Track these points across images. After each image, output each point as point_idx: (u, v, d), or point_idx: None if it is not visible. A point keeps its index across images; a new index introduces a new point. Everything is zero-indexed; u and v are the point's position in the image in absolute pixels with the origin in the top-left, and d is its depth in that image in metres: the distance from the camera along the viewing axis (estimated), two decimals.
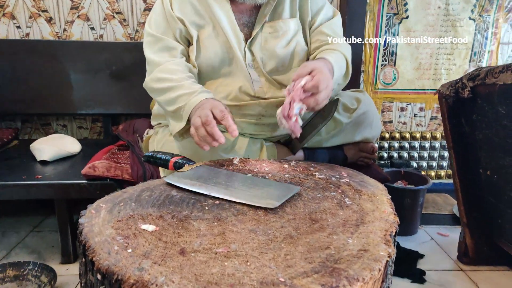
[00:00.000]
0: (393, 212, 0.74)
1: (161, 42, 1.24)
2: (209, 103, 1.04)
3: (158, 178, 1.13)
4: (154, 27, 1.26)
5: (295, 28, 1.30)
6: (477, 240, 1.44)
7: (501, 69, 1.09)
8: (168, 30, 1.24)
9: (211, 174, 0.87)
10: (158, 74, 1.20)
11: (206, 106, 1.03)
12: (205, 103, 1.05)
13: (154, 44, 1.25)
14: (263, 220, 0.69)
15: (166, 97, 1.17)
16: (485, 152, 1.30)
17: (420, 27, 1.96)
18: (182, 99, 1.12)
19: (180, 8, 1.24)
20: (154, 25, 1.26)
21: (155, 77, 1.20)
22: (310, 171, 0.94)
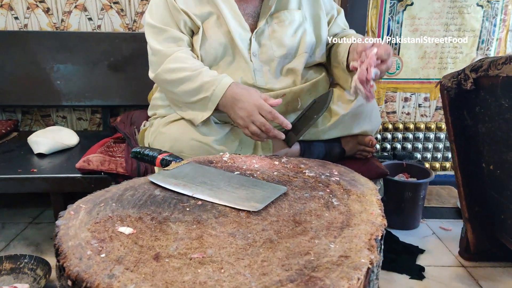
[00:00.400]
0: (381, 213, 0.72)
1: (166, 33, 1.22)
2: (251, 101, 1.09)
3: (152, 173, 1.12)
4: (156, 18, 1.23)
5: (300, 19, 1.30)
6: (479, 236, 1.41)
7: (504, 60, 1.05)
8: (171, 21, 1.22)
9: (197, 173, 0.85)
10: (170, 65, 1.17)
11: (250, 107, 1.08)
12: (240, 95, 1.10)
13: (159, 35, 1.22)
14: (244, 223, 0.67)
15: (185, 87, 1.16)
16: (488, 146, 1.26)
17: (425, 14, 1.90)
18: (205, 88, 1.13)
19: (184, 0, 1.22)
20: (156, 16, 1.23)
21: (167, 68, 1.18)
22: (300, 169, 0.92)
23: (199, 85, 1.14)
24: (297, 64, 1.30)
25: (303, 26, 1.31)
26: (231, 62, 1.26)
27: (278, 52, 1.27)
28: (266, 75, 1.27)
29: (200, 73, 1.15)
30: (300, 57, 1.30)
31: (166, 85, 1.22)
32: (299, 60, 1.30)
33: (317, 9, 1.35)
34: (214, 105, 1.14)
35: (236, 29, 1.23)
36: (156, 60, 1.22)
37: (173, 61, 1.18)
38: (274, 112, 1.09)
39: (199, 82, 1.14)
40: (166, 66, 1.18)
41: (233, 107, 1.13)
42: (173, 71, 1.17)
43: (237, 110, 1.12)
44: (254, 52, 1.26)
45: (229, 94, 1.13)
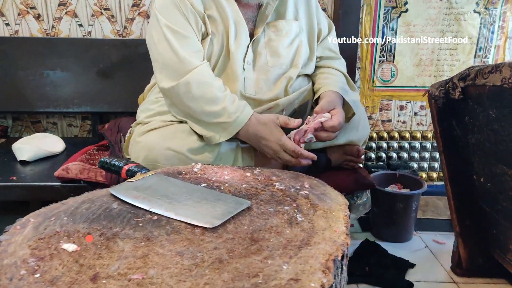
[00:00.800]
0: (346, 231, 0.67)
1: (188, 41, 1.15)
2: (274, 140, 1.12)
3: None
4: (172, 21, 1.14)
5: (297, 30, 1.29)
6: (471, 251, 1.35)
7: (490, 69, 1.00)
8: (189, 27, 1.15)
9: (161, 185, 0.81)
10: (197, 77, 1.11)
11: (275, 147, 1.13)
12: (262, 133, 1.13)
13: (181, 41, 1.14)
14: (196, 240, 0.64)
15: (207, 107, 1.12)
16: (478, 158, 1.21)
17: (421, 21, 1.85)
18: (227, 114, 1.12)
19: (196, 2, 1.16)
20: (171, 18, 1.15)
21: (194, 80, 1.11)
22: (271, 181, 0.88)
23: (222, 108, 1.12)
24: (291, 74, 1.27)
25: (300, 37, 1.29)
26: (222, 70, 1.23)
27: (272, 62, 1.25)
28: (258, 84, 1.24)
29: (225, 97, 1.13)
30: (295, 68, 1.28)
31: (185, 99, 1.13)
32: (293, 70, 1.27)
33: (311, 21, 1.34)
34: (235, 130, 1.14)
35: (237, 35, 1.20)
36: (179, 68, 1.12)
37: (200, 75, 1.12)
38: (297, 150, 1.10)
39: (222, 106, 1.12)
40: (192, 77, 1.11)
41: (258, 144, 1.16)
42: (198, 86, 1.11)
43: (263, 147, 1.15)
44: (249, 61, 1.23)
45: (250, 130, 1.14)
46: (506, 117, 0.99)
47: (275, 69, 1.25)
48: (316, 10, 1.35)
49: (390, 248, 1.55)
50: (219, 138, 1.13)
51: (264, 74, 1.24)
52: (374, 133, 1.98)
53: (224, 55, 1.21)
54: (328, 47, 1.39)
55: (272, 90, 1.24)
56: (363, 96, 1.94)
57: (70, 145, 1.68)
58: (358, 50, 1.88)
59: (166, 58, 1.14)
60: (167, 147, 1.11)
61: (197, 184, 0.84)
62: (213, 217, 0.69)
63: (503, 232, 1.20)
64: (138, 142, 1.16)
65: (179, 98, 1.14)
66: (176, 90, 1.13)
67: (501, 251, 1.25)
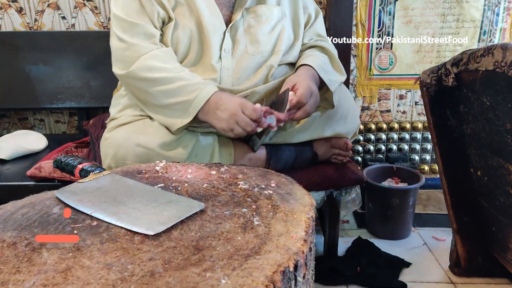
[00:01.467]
0: (304, 237, 0.60)
1: (137, 28, 1.09)
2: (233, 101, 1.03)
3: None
4: (124, 10, 1.10)
5: (279, 16, 1.21)
6: (469, 249, 1.26)
7: (482, 52, 0.91)
8: (142, 13, 1.10)
9: (112, 186, 0.75)
10: (147, 62, 1.06)
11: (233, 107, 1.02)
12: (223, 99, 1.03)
13: (130, 29, 1.09)
14: (133, 250, 0.57)
15: (162, 88, 1.05)
16: (475, 150, 1.12)
17: (420, 4, 1.74)
18: (187, 91, 1.04)
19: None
20: (124, 8, 1.11)
21: (144, 65, 1.06)
22: (236, 179, 0.80)
23: (179, 86, 1.04)
24: (272, 62, 1.19)
25: (282, 23, 1.21)
26: (195, 60, 1.15)
27: (252, 50, 1.17)
28: (237, 73, 1.16)
29: (181, 76, 1.05)
30: (276, 55, 1.20)
31: (140, 84, 1.08)
32: (274, 58, 1.19)
33: (296, 7, 1.25)
34: (196, 110, 1.04)
35: (211, 22, 1.12)
36: (130, 55, 1.08)
37: (151, 58, 1.06)
38: (257, 110, 1.01)
39: (179, 84, 1.04)
40: (142, 63, 1.06)
41: (215, 111, 1.04)
42: (151, 69, 1.05)
43: (219, 113, 1.03)
44: (227, 49, 1.15)
45: (212, 100, 1.04)
46: (500, 105, 0.90)
47: (256, 57, 1.17)
48: None
49: (386, 245, 1.47)
50: (181, 122, 1.04)
51: (244, 63, 1.16)
52: (373, 125, 1.89)
53: (198, 43, 1.13)
54: (316, 32, 1.31)
55: (251, 80, 1.17)
56: (359, 85, 1.85)
57: (54, 143, 1.63)
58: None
59: (115, 48, 1.10)
60: (137, 144, 1.05)
61: (153, 185, 0.77)
62: (158, 223, 0.62)
63: (502, 230, 1.11)
64: (106, 138, 1.09)
65: (133, 85, 1.09)
66: (129, 77, 1.08)
67: (500, 249, 1.16)
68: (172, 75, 1.05)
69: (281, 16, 1.21)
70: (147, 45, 1.07)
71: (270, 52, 1.19)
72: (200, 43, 1.13)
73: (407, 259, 1.39)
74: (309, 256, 0.62)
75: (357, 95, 1.85)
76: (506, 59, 0.81)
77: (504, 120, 0.90)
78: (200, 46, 1.13)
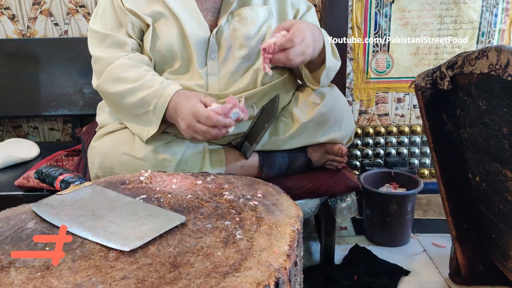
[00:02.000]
0: (287, 252, 0.57)
1: (109, 38, 1.10)
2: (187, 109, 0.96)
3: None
4: (99, 23, 1.12)
5: (265, 16, 1.18)
6: (469, 256, 1.22)
7: (477, 54, 0.87)
8: (117, 25, 1.11)
9: (92, 198, 0.72)
10: (111, 74, 1.06)
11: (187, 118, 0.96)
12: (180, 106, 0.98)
13: (102, 41, 1.11)
14: (105, 267, 0.54)
15: (127, 100, 1.04)
16: (472, 155, 1.08)
17: (417, 6, 1.71)
18: (147, 101, 1.01)
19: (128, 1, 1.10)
20: (100, 20, 1.13)
21: (108, 77, 1.06)
22: (221, 189, 0.78)
23: (141, 98, 1.02)
24: (259, 65, 1.16)
25: (268, 23, 1.18)
26: (181, 68, 1.13)
27: (239, 53, 1.14)
28: (224, 78, 1.14)
29: (142, 84, 1.02)
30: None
31: (109, 97, 1.10)
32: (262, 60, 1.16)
33: (283, 4, 1.22)
34: (158, 120, 1.01)
35: (193, 28, 1.10)
36: (98, 68, 1.10)
37: (113, 70, 1.06)
38: (211, 117, 0.93)
39: (141, 95, 1.02)
40: (107, 75, 1.06)
41: (177, 119, 1.00)
42: (114, 81, 1.05)
43: (180, 122, 0.99)
44: (212, 54, 1.13)
45: (172, 106, 1.00)
46: (496, 109, 0.86)
47: (243, 62, 1.15)
48: None
49: (384, 253, 1.43)
50: (148, 132, 1.02)
51: (230, 67, 1.14)
52: (371, 129, 1.86)
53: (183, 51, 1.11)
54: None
55: (239, 83, 1.14)
56: (357, 89, 1.82)
57: (46, 151, 1.61)
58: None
59: (91, 60, 1.12)
60: (123, 152, 1.02)
61: (135, 196, 0.75)
62: (135, 237, 0.60)
63: (502, 237, 1.07)
64: (93, 147, 1.07)
65: (105, 97, 1.11)
66: (100, 91, 1.09)
67: (501, 257, 1.12)
68: (134, 86, 1.02)
69: (267, 15, 1.18)
70: (114, 55, 1.06)
71: (257, 55, 1.16)
72: (185, 51, 1.11)
73: (406, 267, 1.35)
74: (294, 271, 0.59)
75: (354, 98, 1.82)
76: (501, 61, 0.78)
77: (500, 124, 0.86)
78: (186, 54, 1.11)
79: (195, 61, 1.10)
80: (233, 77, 1.13)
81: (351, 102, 1.82)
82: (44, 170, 0.82)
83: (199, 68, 1.10)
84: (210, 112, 0.94)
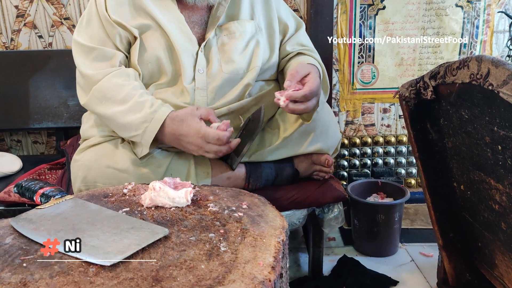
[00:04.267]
0: (272, 264, 0.56)
1: (95, 52, 1.07)
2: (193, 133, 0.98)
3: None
4: (85, 35, 1.10)
5: (252, 31, 1.18)
6: (456, 265, 1.22)
7: (458, 64, 0.89)
8: (104, 37, 1.09)
9: (73, 212, 0.71)
10: (99, 93, 1.04)
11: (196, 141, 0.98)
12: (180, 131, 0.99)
13: (88, 55, 1.08)
14: (85, 283, 0.52)
15: (115, 122, 1.03)
16: (456, 164, 1.09)
17: (400, 18, 1.74)
18: (135, 126, 1.00)
19: (117, 10, 1.08)
20: (85, 32, 1.10)
21: (95, 97, 1.04)
22: (206, 201, 0.77)
23: (129, 121, 1.00)
24: (248, 80, 1.16)
25: (256, 38, 1.18)
26: (169, 81, 1.12)
27: (227, 68, 1.14)
28: (211, 92, 1.13)
29: (130, 107, 1.01)
30: (252, 71, 1.17)
31: (97, 115, 1.08)
32: (251, 75, 1.16)
33: (270, 19, 1.23)
34: (148, 143, 1.01)
35: (181, 42, 1.10)
36: (84, 84, 1.08)
37: (101, 89, 1.03)
38: (221, 137, 0.96)
39: (130, 118, 1.00)
40: (94, 94, 1.04)
41: (180, 143, 1.02)
42: (101, 102, 1.03)
43: (186, 145, 1.01)
44: (200, 69, 1.12)
45: (168, 131, 1.00)
46: (478, 118, 0.87)
47: (231, 76, 1.14)
48: (277, 7, 1.24)
49: (372, 263, 1.43)
50: (142, 151, 1.02)
51: (218, 81, 1.13)
52: (357, 139, 1.87)
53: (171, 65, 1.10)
54: (299, 42, 1.27)
55: (226, 97, 1.13)
56: (343, 100, 1.83)
57: (29, 164, 1.58)
58: (335, 52, 1.77)
59: (76, 75, 1.11)
60: (107, 165, 1.01)
61: (118, 209, 0.73)
62: (117, 251, 0.58)
63: (488, 245, 1.08)
64: (76, 161, 1.05)
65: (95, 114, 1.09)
66: (87, 107, 1.09)
67: (487, 265, 1.12)
68: (122, 109, 1.01)
69: (255, 30, 1.18)
70: (101, 71, 1.04)
71: (245, 69, 1.16)
72: (173, 64, 1.10)
73: (394, 277, 1.35)
74: (279, 283, 0.58)
75: (341, 109, 1.83)
76: (481, 71, 0.79)
77: (482, 133, 0.87)
78: (173, 68, 1.10)
79: (183, 75, 1.08)
80: (220, 91, 1.12)
81: (338, 113, 1.83)
82: (24, 184, 0.80)
83: (186, 83, 1.09)
84: (219, 133, 0.96)
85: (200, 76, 1.12)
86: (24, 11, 1.72)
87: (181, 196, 0.74)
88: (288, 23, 1.26)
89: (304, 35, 1.30)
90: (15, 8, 1.71)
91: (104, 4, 1.08)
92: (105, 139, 1.06)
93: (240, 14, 1.16)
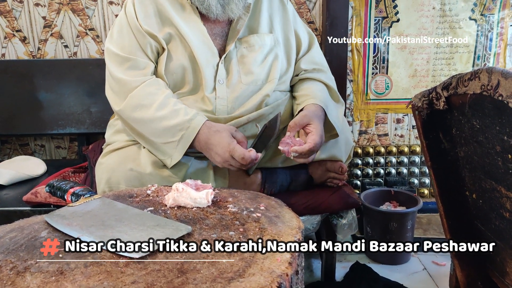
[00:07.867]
0: (289, 260, 0.60)
1: (129, 62, 1.12)
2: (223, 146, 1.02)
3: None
4: (118, 45, 1.14)
5: (271, 44, 1.22)
6: (468, 273, 1.24)
7: (469, 76, 0.92)
8: (137, 47, 1.13)
9: (102, 210, 0.75)
10: (135, 100, 1.08)
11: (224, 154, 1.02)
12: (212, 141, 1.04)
13: (121, 64, 1.13)
14: (116, 273, 0.57)
15: (150, 128, 1.07)
16: (468, 172, 1.11)
17: (413, 30, 1.77)
18: (172, 131, 1.05)
19: (146, 21, 1.13)
20: (118, 42, 1.15)
21: (132, 104, 1.08)
22: (226, 202, 0.81)
23: (165, 128, 1.05)
24: (266, 91, 1.20)
25: (274, 51, 1.23)
26: (190, 90, 1.17)
27: (246, 79, 1.18)
28: (231, 102, 1.18)
29: (166, 114, 1.05)
30: (270, 83, 1.21)
31: (130, 122, 1.11)
32: (268, 86, 1.21)
33: (287, 32, 1.27)
34: (183, 150, 1.06)
35: (203, 54, 1.15)
36: (119, 90, 1.12)
37: (137, 96, 1.08)
38: (246, 158, 1.00)
39: (166, 124, 1.05)
40: (130, 102, 1.08)
41: (208, 152, 1.06)
42: (136, 108, 1.07)
43: (213, 155, 1.06)
44: (221, 80, 1.17)
45: (202, 138, 1.05)
46: (489, 127, 0.90)
47: (249, 87, 1.19)
48: (293, 21, 1.29)
49: (385, 271, 1.44)
50: (171, 160, 1.06)
51: (238, 92, 1.17)
52: (371, 148, 1.89)
53: (192, 75, 1.15)
54: (313, 61, 1.31)
55: (245, 106, 1.18)
56: (356, 110, 1.86)
57: (53, 168, 1.65)
58: (349, 63, 1.81)
59: (110, 83, 1.14)
60: (130, 168, 1.06)
61: (143, 209, 0.78)
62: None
63: (499, 253, 1.09)
64: (101, 163, 1.11)
65: (125, 122, 1.11)
66: (122, 115, 1.11)
67: (499, 273, 1.14)
68: (159, 115, 1.05)
69: (273, 43, 1.23)
70: (136, 79, 1.09)
71: (264, 81, 1.20)
72: (195, 75, 1.15)
73: (407, 285, 1.36)
74: (295, 279, 0.61)
75: (354, 119, 1.87)
76: (492, 82, 0.82)
77: (493, 142, 0.90)
78: (195, 78, 1.15)
79: (204, 85, 1.13)
80: (240, 100, 1.17)
81: (351, 123, 1.87)
82: (55, 183, 0.85)
83: (207, 92, 1.14)
84: (245, 152, 1.00)
85: (220, 87, 1.16)
86: (51, 22, 1.80)
87: (203, 197, 0.78)
88: (301, 38, 1.30)
89: (317, 52, 1.34)
90: (43, 19, 1.80)
91: (135, 14, 1.13)
92: (128, 143, 1.12)
93: (260, 27, 1.21)
